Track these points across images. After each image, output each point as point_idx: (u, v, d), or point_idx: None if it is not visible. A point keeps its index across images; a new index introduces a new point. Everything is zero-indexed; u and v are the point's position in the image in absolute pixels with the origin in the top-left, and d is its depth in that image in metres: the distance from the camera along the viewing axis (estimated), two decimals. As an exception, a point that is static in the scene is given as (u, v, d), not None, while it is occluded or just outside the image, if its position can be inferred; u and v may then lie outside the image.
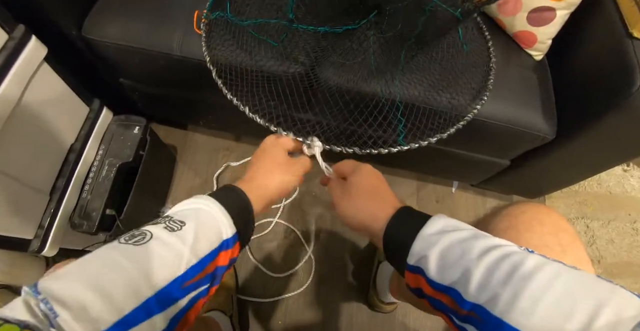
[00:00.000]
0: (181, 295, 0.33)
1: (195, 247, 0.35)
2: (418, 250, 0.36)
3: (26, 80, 0.65)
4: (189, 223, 0.36)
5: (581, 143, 0.77)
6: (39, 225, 0.71)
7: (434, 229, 0.36)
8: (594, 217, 1.13)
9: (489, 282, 0.30)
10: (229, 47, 0.68)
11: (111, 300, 0.27)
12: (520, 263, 0.30)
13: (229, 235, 0.38)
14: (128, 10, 0.76)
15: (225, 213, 0.39)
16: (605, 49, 0.74)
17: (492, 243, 0.33)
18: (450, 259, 0.34)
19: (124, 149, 0.83)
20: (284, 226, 1.02)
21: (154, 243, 0.33)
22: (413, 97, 0.69)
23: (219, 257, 0.37)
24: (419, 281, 0.37)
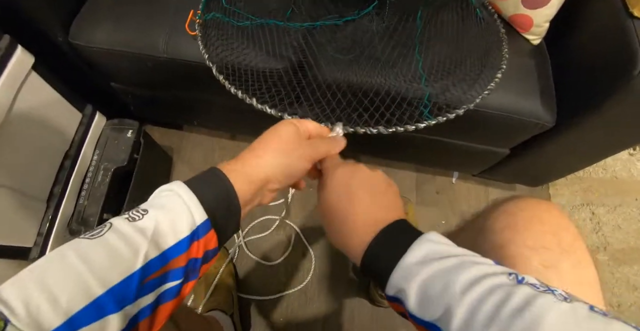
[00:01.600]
0: (142, 292, 0.30)
1: (157, 238, 0.31)
2: (396, 282, 0.33)
3: (15, 90, 0.66)
4: (151, 212, 0.32)
5: (582, 130, 0.75)
6: (38, 233, 0.73)
7: (415, 258, 0.33)
8: (600, 203, 1.11)
9: (472, 322, 0.28)
10: (228, 46, 0.68)
11: (57, 300, 0.26)
12: (507, 299, 0.28)
13: (198, 223, 0.34)
14: (113, 15, 0.76)
15: (194, 198, 0.34)
16: (605, 30, 0.71)
17: (477, 274, 0.31)
18: (431, 293, 0.31)
19: (118, 153, 0.83)
20: (283, 222, 1.02)
21: (109, 236, 0.30)
22: (432, 68, 0.64)
23: (190, 249, 0.33)
24: (401, 309, 0.35)
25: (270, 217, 1.02)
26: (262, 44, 0.67)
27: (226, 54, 0.67)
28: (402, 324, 0.92)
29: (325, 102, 0.62)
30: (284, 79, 0.64)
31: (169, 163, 1.07)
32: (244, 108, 0.88)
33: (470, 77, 0.65)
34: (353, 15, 0.69)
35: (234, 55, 0.67)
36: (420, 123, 0.56)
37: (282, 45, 0.66)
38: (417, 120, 0.56)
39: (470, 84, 0.64)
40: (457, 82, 0.64)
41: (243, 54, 0.68)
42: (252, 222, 1.02)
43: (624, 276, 1.04)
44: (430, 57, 0.64)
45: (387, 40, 0.66)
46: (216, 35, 0.68)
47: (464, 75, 0.65)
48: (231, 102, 0.87)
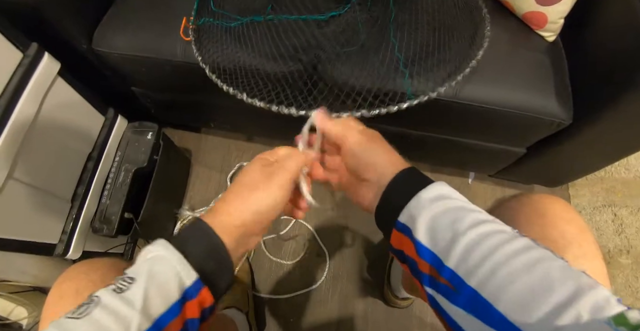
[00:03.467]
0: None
1: (147, 308, 0.30)
2: (411, 209, 0.35)
3: (42, 95, 0.69)
4: (138, 280, 0.31)
5: (601, 127, 0.73)
6: (63, 231, 0.76)
7: (432, 194, 0.36)
8: (623, 204, 1.07)
9: (473, 251, 0.30)
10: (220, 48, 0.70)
11: None
12: (508, 241, 0.30)
13: (189, 284, 0.32)
14: (133, 23, 0.79)
15: (181, 258, 0.33)
16: (620, 25, 0.69)
17: (485, 218, 0.33)
18: (441, 223, 0.33)
19: (138, 155, 0.86)
20: (298, 223, 1.04)
21: (96, 313, 0.29)
22: (413, 48, 0.65)
23: (184, 310, 0.32)
24: (403, 242, 0.36)
25: (285, 217, 1.03)
26: (252, 43, 0.69)
27: (218, 55, 0.69)
28: (416, 325, 0.91)
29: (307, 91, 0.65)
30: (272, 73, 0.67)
31: (188, 164, 1.10)
32: (260, 110, 0.90)
33: (451, 56, 0.66)
34: (337, 9, 0.70)
35: (226, 55, 0.69)
36: (402, 104, 0.57)
37: (271, 41, 0.68)
38: (399, 100, 0.58)
39: (451, 63, 0.66)
40: (438, 63, 0.65)
41: (233, 54, 0.70)
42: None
43: (649, 279, 1.00)
44: (407, 40, 0.64)
45: (370, 29, 0.68)
46: (207, 38, 0.71)
47: (444, 55, 0.66)
48: (246, 105, 0.89)
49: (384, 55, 0.64)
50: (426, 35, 0.66)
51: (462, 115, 0.76)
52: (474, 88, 0.71)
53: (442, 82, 0.63)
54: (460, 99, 0.71)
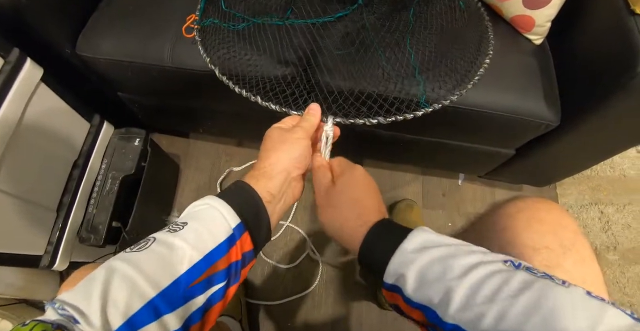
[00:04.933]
0: (191, 293, 0.33)
1: (198, 244, 0.34)
2: (395, 268, 0.34)
3: (24, 102, 0.67)
4: (190, 223, 0.36)
5: (588, 128, 0.75)
6: (48, 241, 0.74)
7: (413, 245, 0.34)
8: (609, 201, 1.10)
9: (473, 302, 0.29)
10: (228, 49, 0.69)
11: (116, 304, 0.29)
12: (506, 282, 0.29)
13: (233, 226, 0.37)
14: (118, 27, 0.77)
15: (226, 205, 0.37)
16: (607, 28, 0.71)
17: (475, 261, 0.32)
18: (430, 277, 0.32)
19: (125, 162, 0.84)
20: (290, 228, 1.03)
21: (154, 246, 0.33)
22: (426, 57, 0.67)
23: (230, 252, 0.36)
24: (397, 300, 0.35)
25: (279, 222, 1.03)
26: (260, 45, 0.68)
27: (226, 57, 0.68)
28: (410, 327, 0.91)
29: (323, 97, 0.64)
30: (287, 76, 0.67)
31: (177, 170, 1.09)
32: (249, 114, 0.89)
33: (461, 65, 0.67)
34: (344, 10, 0.71)
35: (234, 57, 0.69)
36: (417, 112, 0.57)
37: (280, 45, 0.68)
38: (415, 108, 0.58)
39: (461, 72, 0.66)
40: (449, 71, 0.66)
41: (241, 55, 0.69)
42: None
43: (635, 275, 1.02)
44: (422, 50, 0.66)
45: (379, 32, 0.68)
46: (216, 40, 0.69)
47: (454, 63, 0.67)
48: (236, 109, 0.89)
49: (396, 62, 0.66)
50: (437, 43, 0.67)
51: (452, 118, 0.76)
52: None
53: (454, 90, 0.63)
54: (451, 103, 0.72)
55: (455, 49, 0.69)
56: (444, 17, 0.70)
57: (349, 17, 0.71)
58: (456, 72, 0.66)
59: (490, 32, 0.74)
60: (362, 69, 0.68)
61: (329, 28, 0.70)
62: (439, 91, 0.64)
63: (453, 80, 0.65)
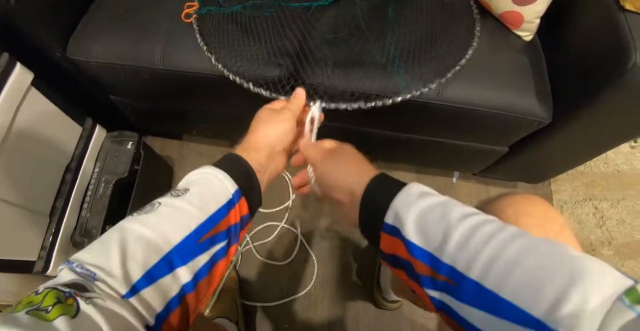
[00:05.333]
0: (199, 250, 0.35)
1: (202, 206, 0.37)
2: (397, 207, 0.35)
3: (15, 107, 0.67)
4: (192, 188, 0.39)
5: (580, 125, 0.75)
6: (42, 246, 0.73)
7: (415, 190, 0.36)
8: (603, 197, 1.10)
9: (468, 242, 0.30)
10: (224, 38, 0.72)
11: (135, 258, 0.31)
12: (500, 229, 0.30)
13: (232, 192, 0.40)
14: (109, 29, 0.77)
15: (224, 173, 0.41)
16: (597, 24, 0.71)
17: (472, 210, 0.34)
18: (430, 219, 0.33)
19: (118, 165, 0.84)
20: (286, 228, 1.03)
21: (163, 208, 0.36)
22: (407, 48, 0.70)
23: (229, 215, 0.39)
24: (394, 245, 0.36)
25: (272, 223, 1.03)
26: (254, 33, 0.71)
27: (222, 46, 0.71)
28: (407, 326, 0.91)
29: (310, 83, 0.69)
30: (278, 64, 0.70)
31: (170, 173, 1.08)
32: (242, 115, 0.89)
33: (441, 55, 0.70)
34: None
35: (229, 46, 0.71)
36: (396, 98, 0.62)
37: (274, 32, 0.71)
38: (394, 96, 0.62)
39: (442, 62, 0.69)
40: (430, 60, 0.69)
41: (236, 45, 0.71)
42: (255, 229, 1.02)
43: (630, 270, 1.03)
44: (402, 38, 0.70)
45: (368, 22, 0.71)
46: (212, 28, 0.73)
47: (436, 53, 0.70)
48: (228, 110, 0.88)
49: (378, 51, 0.69)
50: (420, 33, 0.70)
51: (444, 117, 0.77)
52: (454, 89, 0.72)
53: (433, 79, 0.66)
54: (443, 101, 0.72)
55: (438, 41, 0.71)
56: (426, 11, 0.72)
57: (342, 4, 0.74)
58: (436, 62, 0.69)
59: (478, 25, 0.76)
60: (351, 57, 0.70)
61: (321, 13, 0.73)
62: (419, 80, 0.67)
63: (433, 70, 0.68)
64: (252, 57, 0.70)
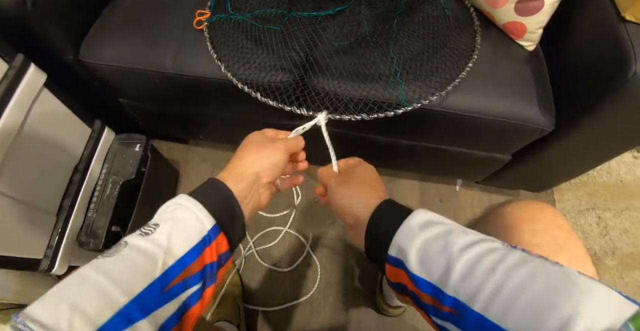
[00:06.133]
0: (165, 299, 0.32)
1: (171, 247, 0.33)
2: (400, 241, 0.35)
3: (27, 107, 0.68)
4: (162, 225, 0.35)
5: (582, 133, 0.76)
6: (48, 245, 0.74)
7: (417, 221, 0.36)
8: (606, 207, 1.10)
9: (471, 274, 0.30)
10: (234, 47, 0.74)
11: (85, 314, 0.28)
12: (504, 257, 0.30)
13: (208, 228, 0.36)
14: (121, 33, 0.79)
15: (200, 206, 0.37)
16: (598, 34, 0.72)
17: (475, 238, 0.33)
18: (432, 251, 0.33)
19: (126, 167, 0.85)
20: (289, 233, 1.03)
21: (126, 252, 0.32)
22: (409, 60, 0.72)
23: (204, 254, 0.35)
24: (399, 276, 0.36)
25: (276, 228, 1.03)
26: (263, 43, 0.72)
27: (232, 55, 0.73)
28: (410, 333, 0.91)
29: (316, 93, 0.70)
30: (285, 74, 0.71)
31: (176, 176, 1.09)
32: (249, 121, 0.91)
33: (442, 68, 0.72)
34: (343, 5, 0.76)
35: (239, 55, 0.73)
36: (398, 110, 0.64)
37: (282, 42, 0.72)
38: (395, 107, 0.65)
39: (443, 75, 0.71)
40: (431, 73, 0.71)
41: (245, 53, 0.73)
42: (258, 233, 1.02)
43: (634, 280, 1.02)
44: (405, 54, 0.72)
45: (374, 31, 0.73)
46: (223, 37, 0.74)
47: (437, 65, 0.72)
48: (236, 116, 0.90)
49: (382, 62, 0.70)
50: (422, 45, 0.71)
51: (448, 124, 0.77)
52: (458, 97, 0.73)
53: (434, 92, 0.68)
54: (446, 108, 0.73)
55: (439, 54, 0.73)
56: (428, 24, 0.74)
57: (347, 12, 0.75)
58: (438, 75, 0.71)
59: (479, 37, 0.78)
60: (356, 67, 0.71)
61: (327, 22, 0.75)
62: (420, 92, 0.69)
63: (434, 83, 0.70)
64: (260, 65, 0.71)
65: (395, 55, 0.70)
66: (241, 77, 0.71)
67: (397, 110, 0.64)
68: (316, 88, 0.72)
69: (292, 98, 0.68)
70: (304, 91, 0.71)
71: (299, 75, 0.72)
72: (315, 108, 0.66)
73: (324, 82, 0.72)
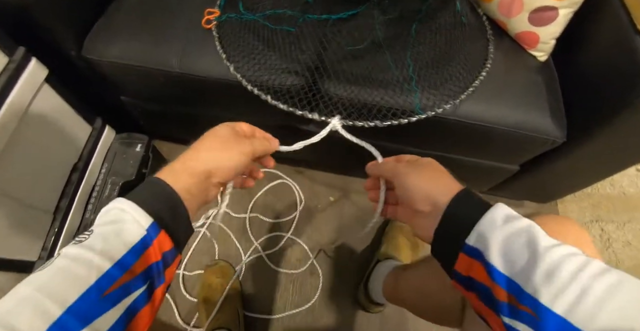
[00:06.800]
0: (106, 304, 0.30)
1: (107, 250, 0.32)
2: (482, 230, 0.34)
3: (27, 102, 0.66)
4: (96, 230, 0.34)
5: (593, 145, 0.75)
6: (43, 247, 0.71)
7: (500, 213, 0.35)
8: (609, 219, 1.10)
9: (556, 274, 0.29)
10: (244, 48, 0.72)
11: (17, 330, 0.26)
12: (587, 263, 0.30)
13: (146, 227, 0.34)
14: (127, 30, 0.76)
15: (134, 206, 0.35)
16: (612, 46, 0.72)
17: (556, 241, 0.33)
18: (515, 245, 0.32)
19: (126, 167, 0.82)
20: (291, 239, 1.01)
21: (57, 262, 0.31)
22: (424, 67, 0.71)
23: (147, 253, 0.34)
24: (473, 267, 0.35)
25: (278, 234, 1.01)
26: (274, 45, 0.70)
27: (242, 55, 0.71)
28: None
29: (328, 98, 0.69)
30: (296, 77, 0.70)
31: (175, 178, 1.06)
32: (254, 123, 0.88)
33: (456, 77, 0.72)
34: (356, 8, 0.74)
35: (249, 56, 0.71)
36: (412, 118, 0.63)
37: (293, 45, 0.70)
38: (409, 114, 0.64)
39: (457, 83, 0.71)
40: (444, 81, 0.70)
41: (255, 54, 0.72)
42: (259, 239, 1.00)
43: (637, 295, 1.02)
44: (420, 62, 0.71)
45: (386, 37, 0.72)
46: (233, 37, 0.72)
47: (451, 75, 0.71)
48: (240, 118, 0.87)
49: (396, 68, 0.69)
50: (436, 53, 0.70)
51: (459, 132, 0.76)
52: (470, 106, 0.72)
53: (448, 100, 0.67)
54: (458, 117, 0.72)
55: (453, 62, 0.72)
56: (444, 32, 0.73)
57: (360, 16, 0.74)
58: (452, 83, 0.70)
59: (491, 46, 0.77)
60: (369, 72, 0.70)
61: (340, 26, 0.73)
62: (434, 100, 0.68)
63: (448, 91, 0.70)
64: (270, 68, 0.70)
65: (412, 62, 0.69)
66: (251, 79, 0.69)
67: (411, 117, 0.64)
68: (328, 93, 0.70)
69: (304, 102, 0.67)
70: (316, 95, 0.69)
71: (310, 79, 0.70)
72: (328, 114, 0.65)
73: (336, 87, 0.70)
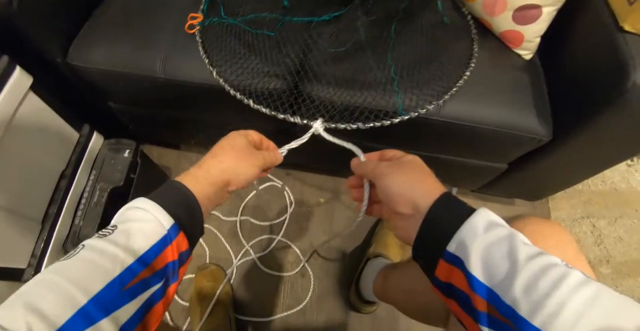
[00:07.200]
0: (126, 297, 0.32)
1: (130, 246, 0.34)
2: (462, 238, 0.34)
3: (12, 110, 0.66)
4: (120, 226, 0.35)
5: (579, 143, 0.75)
6: (32, 254, 0.71)
7: (481, 220, 0.34)
8: (600, 215, 1.10)
9: (535, 286, 0.29)
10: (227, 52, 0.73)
11: (44, 315, 0.27)
12: (566, 275, 0.30)
13: (167, 227, 0.36)
14: (111, 36, 0.77)
15: (157, 207, 0.37)
16: (596, 44, 0.72)
17: (536, 250, 0.32)
18: (496, 255, 0.32)
19: (114, 173, 0.82)
20: (282, 242, 1.01)
21: (83, 253, 0.33)
22: (406, 68, 0.70)
23: (165, 252, 0.36)
24: (453, 275, 0.34)
25: (268, 236, 1.01)
26: (256, 49, 0.71)
27: (224, 60, 0.71)
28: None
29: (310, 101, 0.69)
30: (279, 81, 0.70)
31: (166, 182, 1.07)
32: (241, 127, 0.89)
33: (439, 77, 0.71)
34: (339, 10, 0.75)
35: (231, 60, 0.71)
36: (394, 119, 0.63)
37: (276, 48, 0.70)
38: (392, 116, 0.64)
39: (440, 83, 0.71)
40: (427, 81, 0.70)
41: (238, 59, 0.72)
42: (250, 242, 1.00)
43: (628, 289, 1.02)
44: (402, 63, 0.70)
45: (369, 38, 0.72)
46: (215, 42, 0.72)
47: (434, 74, 0.71)
48: (228, 121, 0.88)
49: (378, 70, 0.69)
50: (419, 53, 0.70)
51: (445, 133, 0.76)
52: (455, 106, 0.72)
53: (431, 100, 0.67)
54: (443, 117, 0.72)
55: (436, 62, 0.72)
56: (426, 32, 0.73)
57: (343, 19, 0.74)
58: (435, 84, 0.70)
59: (476, 45, 0.77)
60: (351, 74, 0.70)
61: (322, 28, 0.74)
62: (417, 101, 0.68)
63: (431, 91, 0.69)
64: (253, 72, 0.70)
65: (393, 63, 0.69)
66: (233, 83, 0.69)
67: (393, 119, 0.63)
68: (310, 96, 0.70)
69: (286, 106, 0.67)
70: (298, 98, 0.69)
71: (292, 82, 0.70)
72: (310, 116, 0.65)
73: (319, 90, 0.70)
